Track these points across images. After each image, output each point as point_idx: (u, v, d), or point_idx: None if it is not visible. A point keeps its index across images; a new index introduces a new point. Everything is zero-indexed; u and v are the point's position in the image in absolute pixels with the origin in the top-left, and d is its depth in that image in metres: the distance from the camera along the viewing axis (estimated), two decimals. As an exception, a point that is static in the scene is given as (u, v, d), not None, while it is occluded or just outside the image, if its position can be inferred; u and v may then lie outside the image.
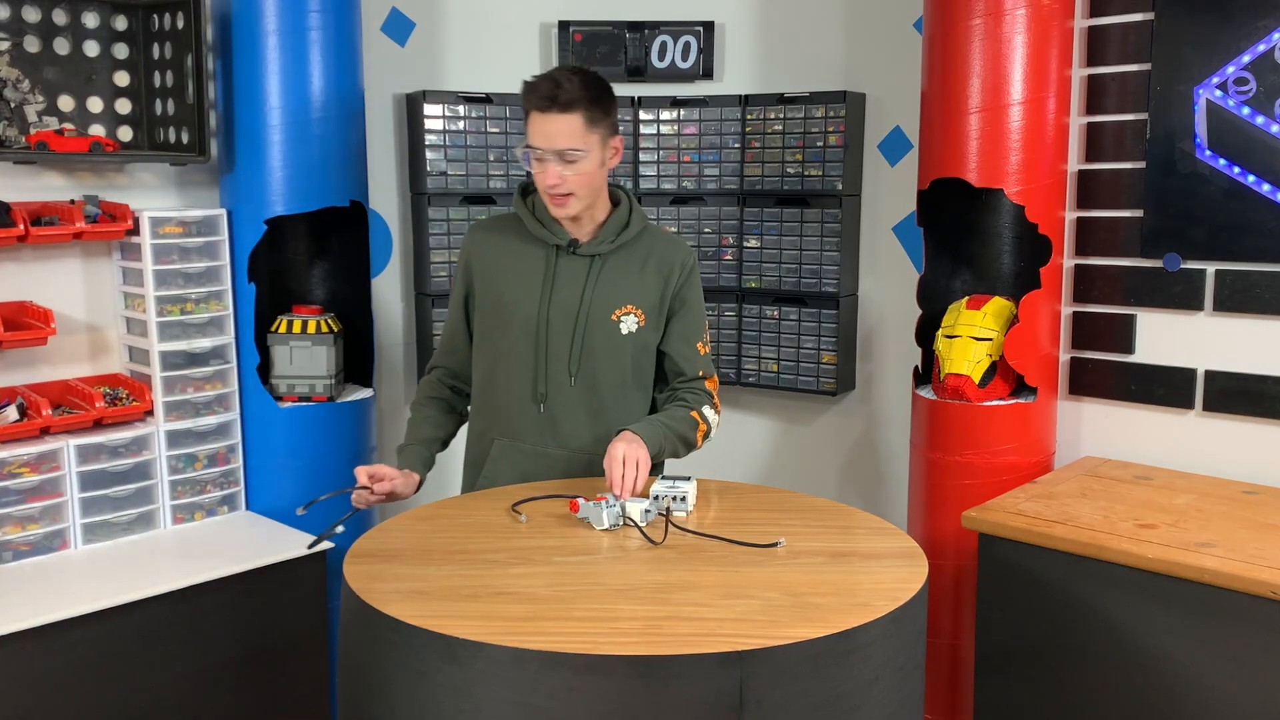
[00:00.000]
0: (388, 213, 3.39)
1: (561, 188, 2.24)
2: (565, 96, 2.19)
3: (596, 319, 2.34)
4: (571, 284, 2.34)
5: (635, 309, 2.36)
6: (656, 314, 2.38)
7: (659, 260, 2.38)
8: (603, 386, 2.36)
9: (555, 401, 2.35)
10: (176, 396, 2.78)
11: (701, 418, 2.37)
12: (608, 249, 2.35)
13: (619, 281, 2.35)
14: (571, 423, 2.36)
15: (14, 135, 2.59)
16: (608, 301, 2.34)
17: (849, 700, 1.64)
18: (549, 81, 2.21)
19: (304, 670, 2.70)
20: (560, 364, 2.34)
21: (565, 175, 2.23)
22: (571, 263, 2.34)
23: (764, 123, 3.38)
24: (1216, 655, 2.19)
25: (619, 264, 2.36)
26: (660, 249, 2.39)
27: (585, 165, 2.24)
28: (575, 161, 2.22)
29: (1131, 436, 2.94)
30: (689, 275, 2.41)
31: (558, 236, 2.34)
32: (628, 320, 2.35)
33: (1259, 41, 2.64)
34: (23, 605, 2.30)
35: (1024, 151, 2.77)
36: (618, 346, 2.36)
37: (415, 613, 1.66)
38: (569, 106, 2.20)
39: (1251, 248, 2.69)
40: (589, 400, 2.36)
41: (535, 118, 2.23)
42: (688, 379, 2.40)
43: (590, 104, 2.22)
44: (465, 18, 3.41)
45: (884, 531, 2.06)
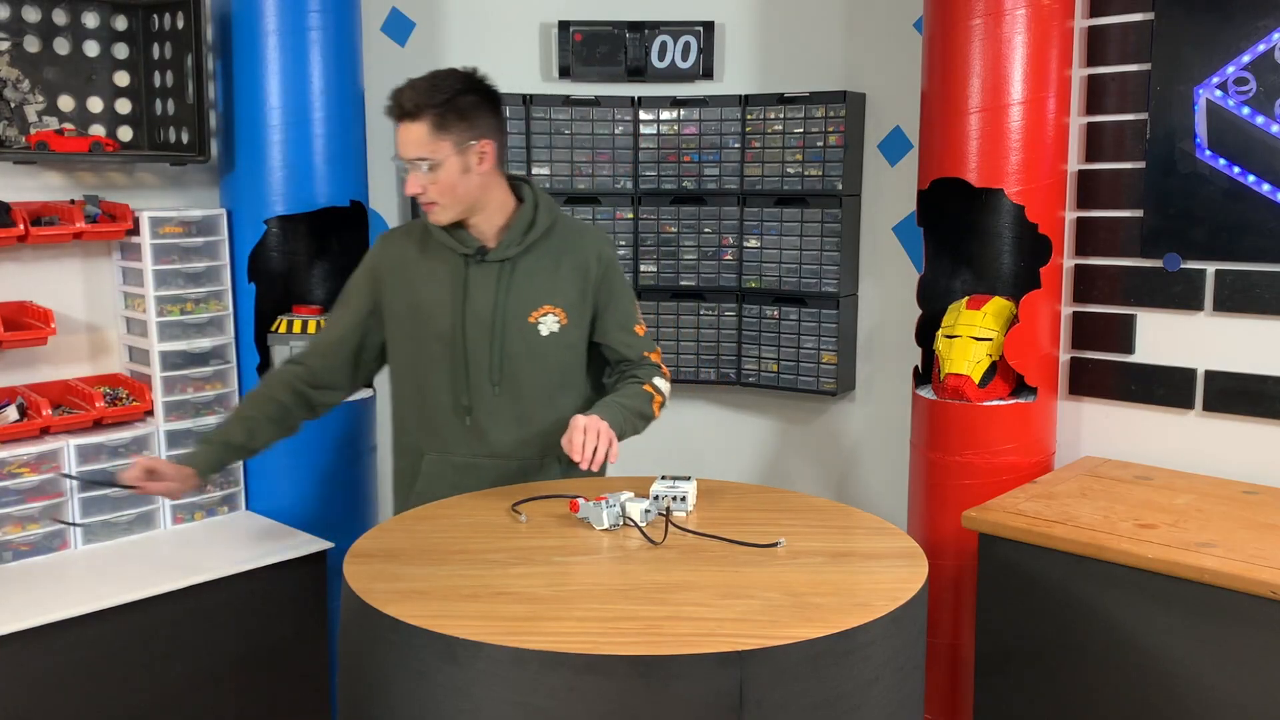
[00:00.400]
0: (388, 213, 3.38)
1: (424, 196, 2.20)
2: (409, 104, 2.16)
3: (513, 324, 2.29)
4: (484, 291, 2.29)
5: (554, 309, 2.31)
6: (579, 310, 2.34)
7: (573, 255, 2.33)
8: (528, 391, 2.32)
9: (480, 412, 2.31)
10: (176, 396, 2.78)
11: (655, 389, 2.36)
12: (516, 252, 2.29)
13: (532, 283, 2.30)
14: (499, 431, 2.32)
15: (14, 135, 2.59)
16: (522, 305, 2.29)
17: (849, 700, 1.64)
18: (398, 90, 2.18)
19: (304, 670, 2.70)
20: (481, 373, 2.30)
21: (425, 184, 2.19)
22: (482, 270, 2.29)
23: (764, 123, 3.38)
24: (1216, 655, 2.19)
25: (531, 265, 2.31)
26: (574, 243, 2.34)
27: (442, 174, 2.18)
28: (432, 170, 2.17)
29: (1131, 436, 2.94)
30: (608, 264, 2.37)
31: (465, 245, 2.28)
32: (547, 321, 2.31)
33: (1259, 41, 2.64)
34: (23, 605, 2.30)
35: (1024, 151, 2.77)
36: (539, 349, 2.31)
37: (415, 613, 1.66)
38: (414, 115, 2.16)
39: (1251, 248, 2.69)
40: (515, 407, 2.32)
41: (397, 127, 2.20)
42: (634, 362, 2.39)
43: (438, 109, 2.16)
44: (465, 18, 3.41)
45: (884, 531, 2.06)
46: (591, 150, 3.45)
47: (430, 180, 2.19)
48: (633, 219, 3.50)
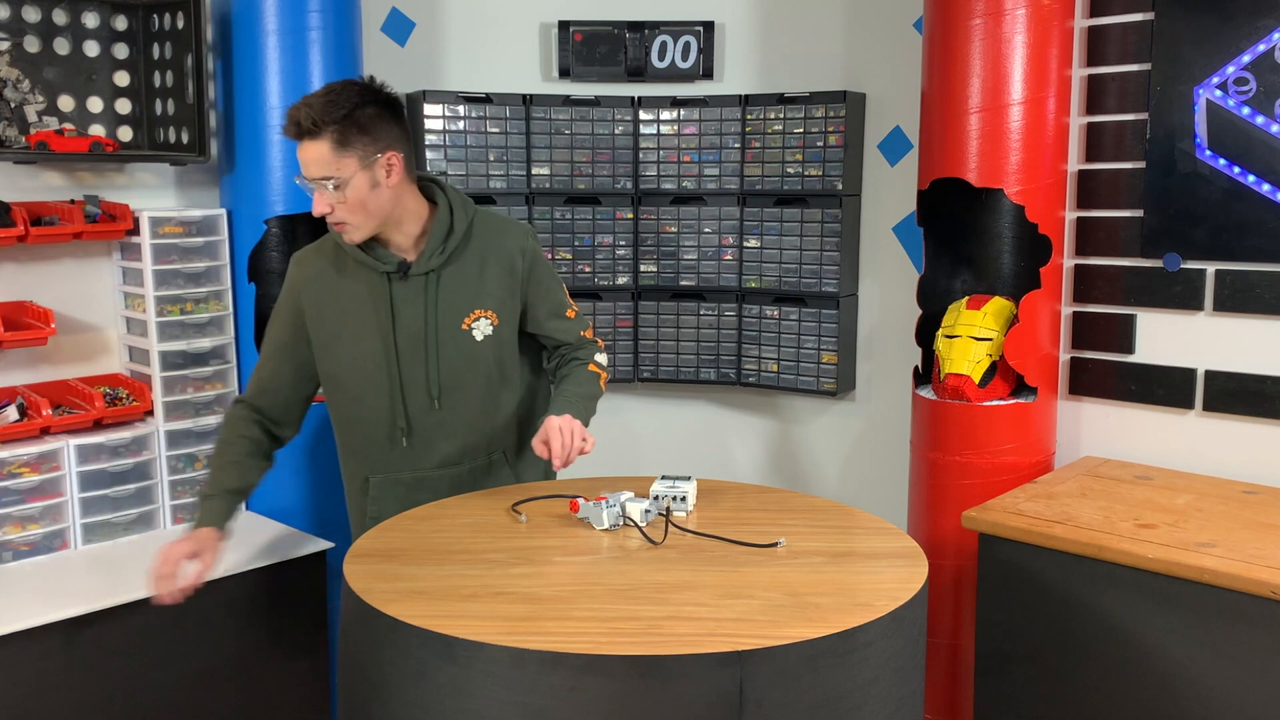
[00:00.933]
0: (388, 213, 3.38)
1: (334, 216, 2.13)
2: (307, 122, 2.07)
3: (446, 335, 2.25)
4: (412, 308, 2.23)
5: (485, 312, 2.27)
6: (509, 308, 2.30)
7: (496, 255, 2.28)
8: (469, 398, 2.30)
9: (422, 428, 2.28)
10: (176, 396, 2.78)
11: (599, 366, 2.37)
12: (439, 262, 2.23)
13: (460, 290, 2.25)
14: (444, 442, 2.30)
15: (14, 135, 2.59)
16: (454, 314, 2.25)
17: (849, 700, 1.64)
18: (294, 108, 2.09)
19: (304, 670, 2.70)
20: (419, 389, 2.26)
21: (334, 204, 2.11)
22: (406, 286, 2.22)
23: (764, 123, 3.38)
24: (1216, 655, 2.19)
25: (456, 272, 2.25)
26: (495, 242, 2.29)
27: (350, 192, 2.10)
28: (339, 188, 2.10)
29: (1131, 436, 2.94)
30: (532, 258, 2.32)
31: (385, 263, 2.21)
32: (480, 325, 2.27)
33: (1259, 41, 2.64)
34: (23, 605, 2.30)
35: (1024, 151, 2.77)
36: (475, 355, 2.28)
37: (415, 613, 1.66)
38: (313, 133, 2.07)
39: (1251, 248, 2.69)
40: (457, 416, 2.29)
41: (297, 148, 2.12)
42: (572, 345, 2.39)
43: (338, 125, 2.08)
44: (465, 18, 3.41)
45: (884, 531, 2.06)
46: (591, 150, 3.45)
47: (338, 199, 2.11)
48: (633, 219, 3.50)
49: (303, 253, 2.35)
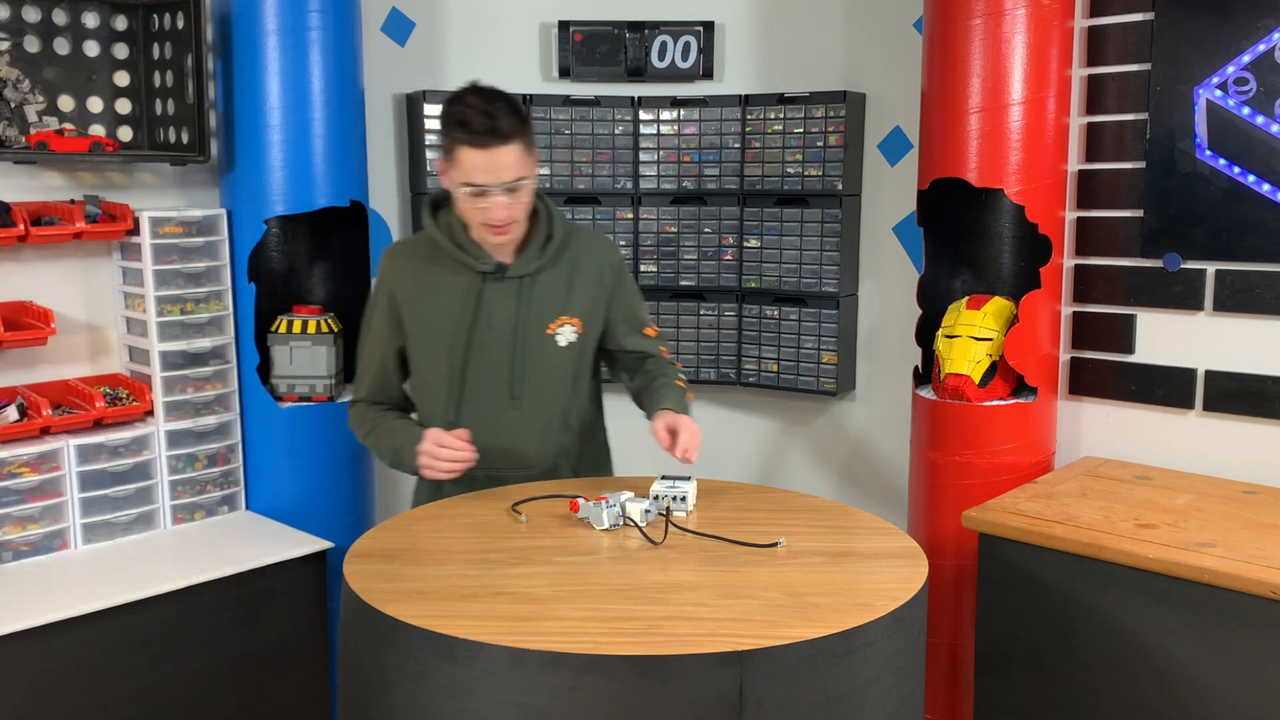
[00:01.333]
0: (388, 213, 3.38)
1: (507, 218, 2.17)
2: (506, 127, 2.11)
3: (533, 338, 2.29)
4: (503, 308, 2.28)
5: (571, 319, 2.32)
6: (593, 320, 2.36)
7: (587, 266, 2.34)
8: (546, 402, 2.33)
9: (497, 423, 2.31)
10: (176, 396, 2.78)
11: (685, 385, 2.42)
12: (535, 268, 2.28)
13: (550, 296, 2.30)
14: (518, 443, 2.33)
15: (14, 135, 2.59)
16: (541, 319, 2.30)
17: (849, 700, 1.64)
18: (483, 115, 2.10)
19: (304, 670, 2.70)
20: (500, 387, 2.30)
21: (512, 206, 2.16)
22: (500, 286, 2.27)
23: (764, 123, 3.38)
24: (1216, 655, 2.19)
25: (548, 279, 2.30)
26: (586, 254, 2.35)
27: (525, 194, 2.18)
28: (518, 190, 2.15)
29: (1131, 436, 2.94)
30: (619, 273, 2.38)
31: (482, 263, 2.26)
32: (564, 331, 2.32)
33: (1259, 41, 2.64)
34: (23, 605, 2.30)
35: (1024, 151, 2.77)
36: (557, 360, 2.32)
37: (415, 613, 1.66)
38: (509, 137, 2.11)
39: (1251, 248, 2.69)
40: (533, 418, 2.33)
41: (474, 154, 2.10)
42: (654, 359, 2.43)
43: (524, 127, 2.15)
44: (465, 18, 3.41)
45: (884, 531, 2.06)
46: (591, 150, 3.45)
47: (515, 200, 2.16)
48: (633, 219, 3.50)
49: (396, 247, 2.42)
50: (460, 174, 2.14)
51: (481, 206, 2.15)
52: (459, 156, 2.13)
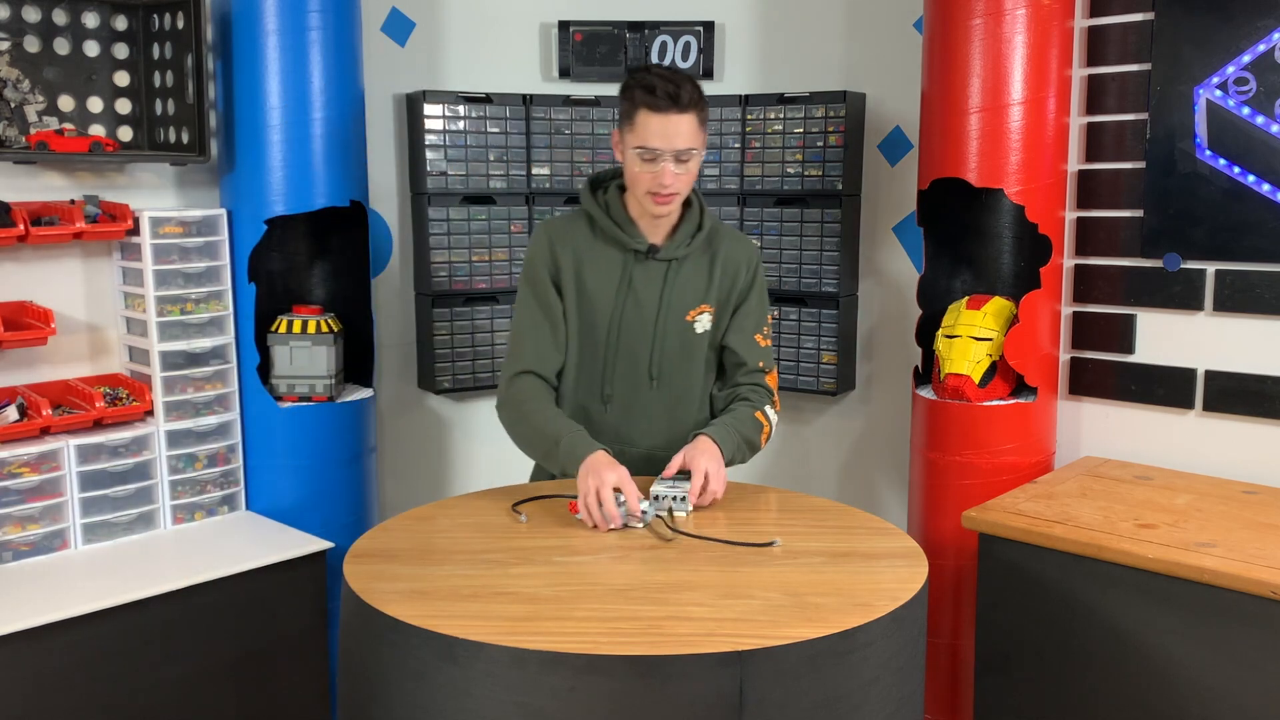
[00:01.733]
0: (388, 213, 3.39)
1: (673, 187, 2.24)
2: (686, 97, 2.21)
3: (674, 322, 2.36)
4: (648, 287, 2.35)
5: (708, 308, 2.38)
6: (724, 312, 2.41)
7: (726, 259, 2.40)
8: (680, 386, 2.39)
9: (630, 402, 2.37)
10: (176, 396, 2.78)
11: (765, 417, 2.38)
12: (684, 253, 2.36)
13: (692, 283, 2.37)
14: (648, 422, 2.38)
15: (14, 135, 2.59)
16: (684, 303, 2.37)
17: (849, 700, 1.64)
18: (668, 82, 2.21)
19: (304, 670, 2.70)
20: (639, 366, 2.36)
21: (678, 175, 2.24)
22: (648, 267, 2.35)
23: (764, 123, 3.38)
24: (1216, 655, 2.19)
25: (692, 266, 2.38)
26: (727, 248, 2.41)
27: (695, 165, 2.26)
28: (688, 161, 2.24)
29: (1131, 436, 2.94)
30: (755, 272, 2.43)
31: (635, 241, 2.34)
32: (702, 320, 2.38)
33: (1259, 41, 2.64)
34: (23, 605, 2.30)
35: (1024, 151, 2.77)
36: (694, 347, 2.38)
37: (415, 613, 1.66)
38: (689, 107, 2.22)
39: (1251, 248, 2.69)
40: (667, 400, 2.39)
41: (652, 118, 2.20)
42: (749, 370, 2.41)
43: (702, 104, 2.26)
44: (465, 18, 3.41)
45: (884, 531, 2.06)
46: (591, 150, 3.45)
47: (682, 171, 2.24)
48: (633, 219, 3.49)
49: (553, 221, 2.47)
50: (636, 137, 2.23)
51: (652, 171, 2.23)
52: (638, 119, 2.22)
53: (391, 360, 3.44)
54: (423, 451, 3.52)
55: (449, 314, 3.38)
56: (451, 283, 3.37)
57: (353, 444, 2.99)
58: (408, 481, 3.48)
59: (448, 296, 3.37)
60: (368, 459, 3.05)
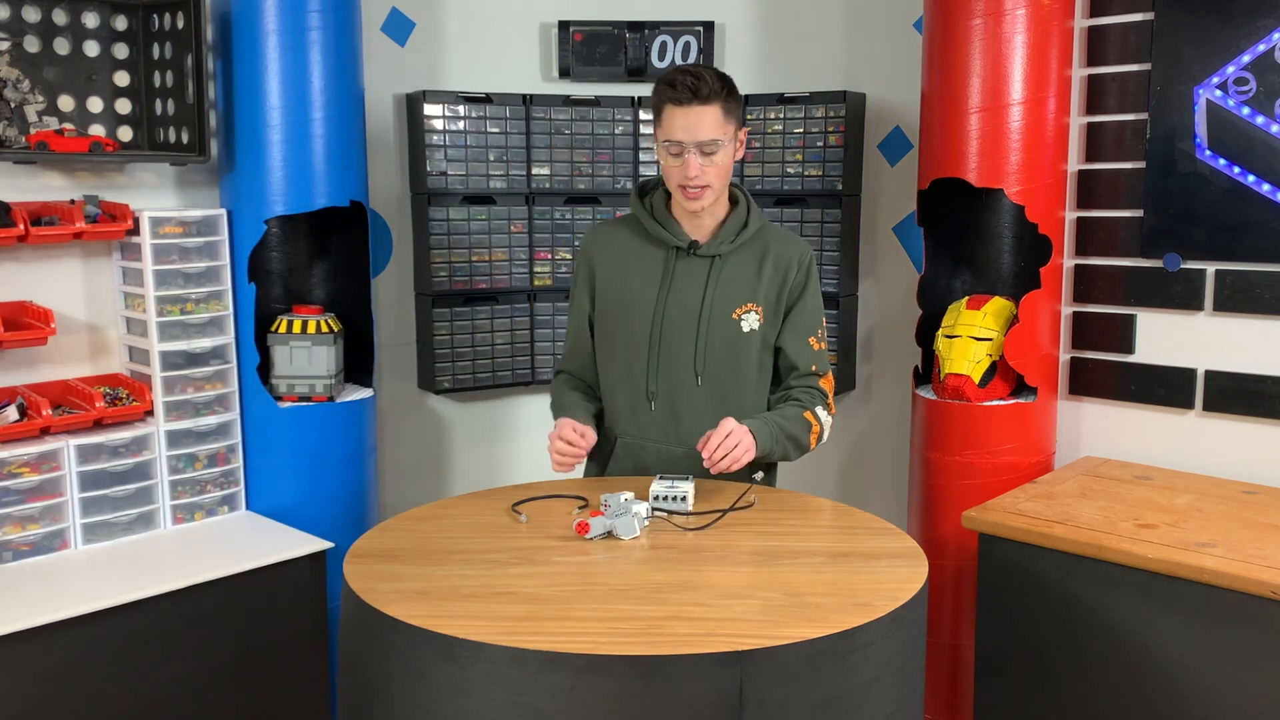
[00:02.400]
0: (388, 213, 3.39)
1: (700, 179, 2.27)
2: (706, 89, 2.24)
3: (718, 318, 2.36)
4: (691, 284, 2.37)
5: (755, 307, 2.38)
6: (774, 311, 2.40)
7: (776, 257, 2.40)
8: (727, 384, 2.38)
9: (676, 400, 2.38)
10: (176, 396, 2.78)
11: (815, 418, 2.36)
12: (728, 249, 2.37)
13: (738, 280, 2.38)
14: (695, 420, 2.37)
15: (14, 135, 2.59)
16: (729, 301, 2.37)
17: (849, 700, 1.64)
18: (688, 75, 2.25)
19: (304, 670, 2.70)
20: (684, 363, 2.37)
21: (705, 167, 2.26)
22: (691, 263, 2.37)
23: (764, 123, 3.38)
24: (1216, 655, 2.19)
25: (738, 263, 2.38)
26: (778, 246, 2.41)
27: (723, 156, 2.28)
28: (714, 153, 2.26)
29: (1131, 436, 2.94)
30: (807, 271, 2.43)
31: (678, 238, 2.37)
32: (748, 318, 2.37)
33: (1259, 41, 2.64)
34: (23, 605, 2.30)
35: (1024, 151, 2.77)
36: (740, 344, 2.38)
37: (415, 613, 1.66)
38: (710, 98, 2.24)
39: (1251, 248, 2.69)
40: (714, 398, 2.38)
41: (674, 112, 2.26)
42: (801, 374, 2.41)
43: (727, 96, 2.27)
44: (465, 18, 3.41)
45: (884, 531, 2.06)
46: (591, 150, 3.45)
47: (709, 163, 2.27)
48: (633, 219, 3.49)
49: (599, 224, 2.57)
50: (663, 131, 2.29)
51: (677, 165, 2.27)
52: (664, 115, 2.28)
53: (391, 360, 3.44)
54: (423, 451, 3.52)
55: (449, 314, 3.38)
56: (451, 283, 3.37)
57: (353, 444, 2.99)
58: (408, 481, 3.48)
59: (448, 296, 3.37)
60: (368, 459, 3.05)
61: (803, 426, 2.33)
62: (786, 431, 2.30)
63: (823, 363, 2.43)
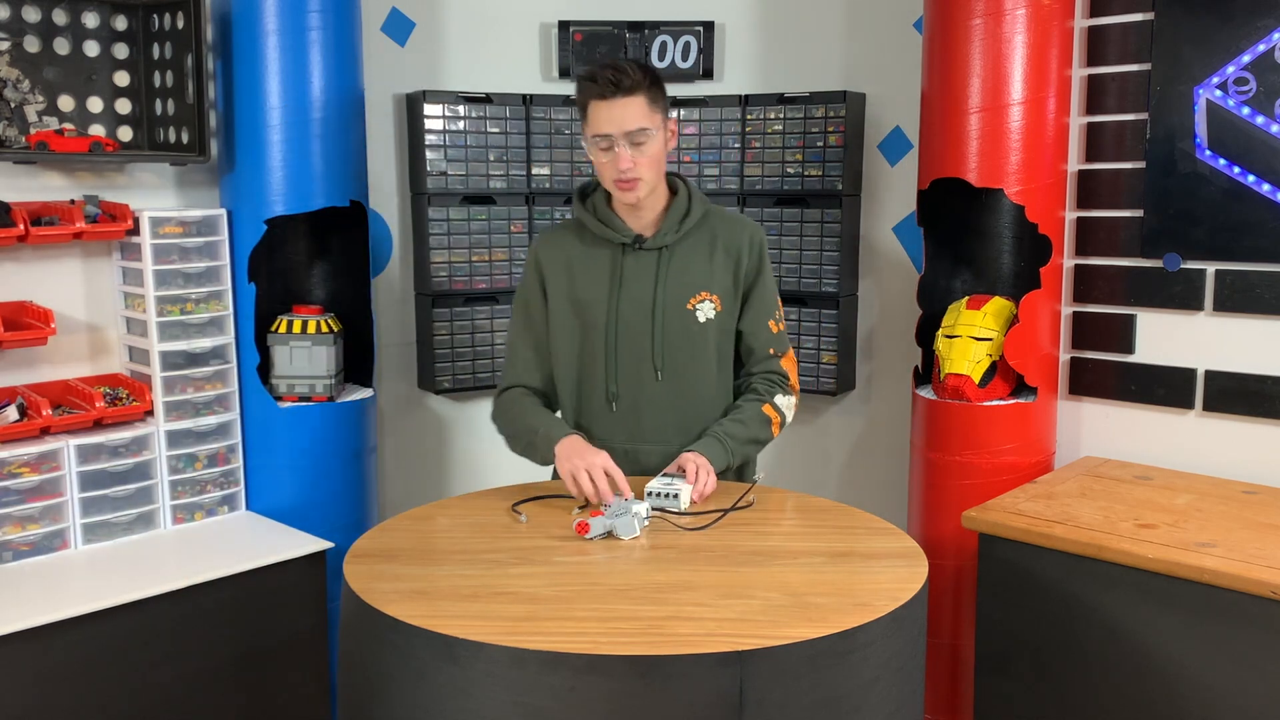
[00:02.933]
0: (388, 213, 3.39)
1: (632, 171, 2.25)
2: (628, 81, 2.23)
3: (673, 311, 2.35)
4: (642, 279, 2.35)
5: (710, 295, 2.36)
6: (732, 297, 2.39)
7: (726, 242, 2.38)
8: (688, 376, 2.37)
9: (639, 397, 2.37)
10: (176, 396, 2.78)
11: (774, 409, 2.37)
12: (674, 239, 2.35)
13: (690, 270, 2.36)
14: (658, 416, 2.37)
15: (14, 135, 2.59)
16: (681, 292, 2.35)
17: (849, 700, 1.64)
18: (608, 69, 2.24)
19: (304, 670, 2.70)
20: (642, 361, 2.35)
21: (636, 158, 2.25)
22: (639, 258, 2.36)
23: (764, 123, 3.38)
24: (1216, 655, 2.19)
25: (687, 252, 2.37)
26: (726, 231, 2.39)
27: (653, 147, 2.26)
28: (644, 143, 2.24)
29: (1131, 436, 2.94)
30: (760, 253, 2.41)
31: (622, 234, 2.35)
32: (703, 307, 2.36)
33: (1259, 41, 2.64)
34: (23, 605, 2.30)
35: (1024, 151, 2.77)
36: (698, 335, 2.37)
37: (415, 613, 1.66)
38: (633, 90, 2.23)
39: (1251, 248, 2.69)
40: (674, 392, 2.37)
41: (599, 106, 2.24)
42: (759, 358, 2.41)
43: (650, 85, 2.26)
44: (465, 18, 3.41)
45: (884, 531, 2.06)
46: (591, 150, 3.45)
47: (640, 154, 2.25)
48: (633, 219, 3.49)
49: (543, 232, 2.53)
50: (589, 127, 2.27)
51: (608, 160, 2.25)
52: (589, 111, 2.26)
53: (391, 360, 3.44)
54: (423, 451, 3.52)
55: (449, 314, 3.38)
56: (451, 283, 3.37)
57: (353, 444, 2.99)
58: (408, 481, 3.48)
59: (448, 296, 3.37)
60: (368, 459, 3.05)
61: (761, 423, 2.34)
62: (741, 438, 2.32)
63: (782, 344, 2.43)
